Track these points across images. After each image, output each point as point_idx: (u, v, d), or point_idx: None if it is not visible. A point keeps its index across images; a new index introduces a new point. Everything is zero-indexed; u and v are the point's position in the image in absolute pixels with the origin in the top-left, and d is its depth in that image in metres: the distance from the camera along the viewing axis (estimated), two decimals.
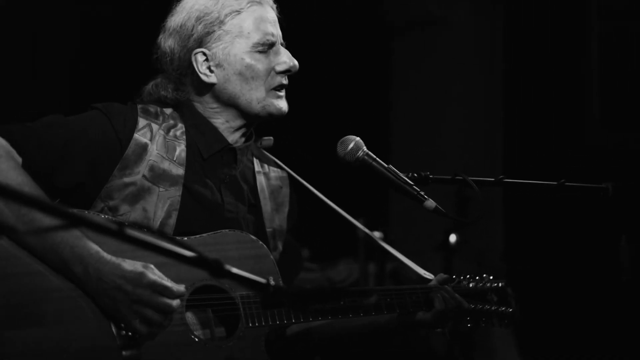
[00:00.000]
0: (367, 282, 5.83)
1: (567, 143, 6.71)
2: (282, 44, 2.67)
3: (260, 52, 2.62)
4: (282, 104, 2.66)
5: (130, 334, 2.35)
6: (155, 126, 2.59)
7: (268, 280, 1.74)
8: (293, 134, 2.78)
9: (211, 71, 2.62)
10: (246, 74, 2.61)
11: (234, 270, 1.66)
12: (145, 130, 2.57)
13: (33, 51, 5.16)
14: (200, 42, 2.61)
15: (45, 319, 2.30)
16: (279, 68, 2.64)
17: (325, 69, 6.26)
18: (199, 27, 2.61)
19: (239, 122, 2.67)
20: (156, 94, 2.68)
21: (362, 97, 7.18)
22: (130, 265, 2.34)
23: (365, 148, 2.65)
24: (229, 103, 2.64)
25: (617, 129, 6.67)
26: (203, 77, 2.62)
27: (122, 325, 2.35)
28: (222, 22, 2.60)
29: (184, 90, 2.66)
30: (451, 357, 5.86)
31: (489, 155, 7.16)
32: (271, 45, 2.63)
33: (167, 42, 2.65)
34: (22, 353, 2.26)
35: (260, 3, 2.64)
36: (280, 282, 2.59)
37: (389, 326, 2.73)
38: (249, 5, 2.62)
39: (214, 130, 2.65)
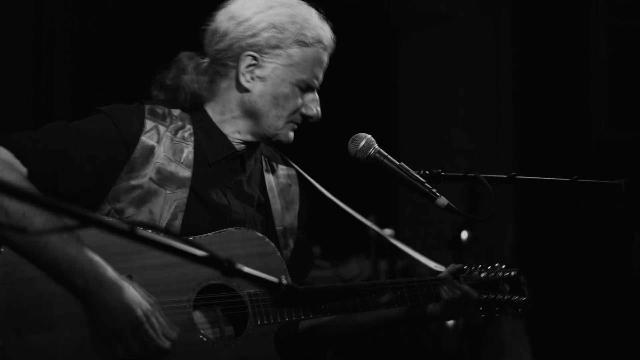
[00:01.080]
0: (378, 279, 5.82)
1: (575, 140, 6.68)
2: (317, 90, 2.68)
3: (300, 88, 2.61)
4: (291, 136, 2.66)
5: None
6: (162, 128, 2.56)
7: (280, 279, 1.72)
8: (302, 132, 2.76)
9: (252, 78, 2.60)
10: (280, 101, 2.60)
11: (246, 269, 1.65)
12: (152, 132, 2.53)
13: (36, 53, 5.15)
14: (260, 48, 2.58)
15: (51, 323, 2.27)
16: (306, 111, 2.64)
17: (332, 68, 6.25)
18: (267, 35, 2.57)
19: (249, 137, 2.65)
20: (172, 92, 2.64)
21: (370, 95, 7.17)
22: (129, 295, 2.27)
23: (376, 145, 2.64)
24: (251, 115, 2.62)
25: (625, 127, 6.65)
26: (241, 78, 2.59)
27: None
28: (289, 45, 2.58)
29: (213, 81, 2.63)
30: (460, 354, 5.85)
31: (496, 152, 7.15)
32: (311, 88, 2.64)
33: (225, 24, 2.60)
34: (29, 359, 2.24)
35: (325, 49, 2.65)
36: (289, 279, 2.57)
37: (400, 319, 2.72)
38: (317, 44, 2.62)
39: (223, 137, 2.63)
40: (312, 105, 2.65)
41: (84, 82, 5.36)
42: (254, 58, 2.58)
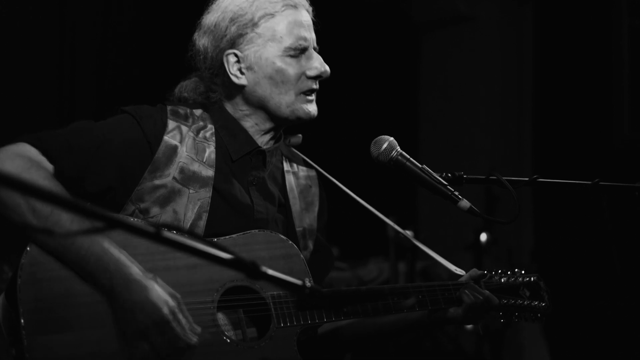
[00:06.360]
0: (397, 281, 5.81)
1: (597, 141, 6.65)
2: (315, 49, 2.66)
3: (291, 56, 2.61)
4: (311, 108, 2.65)
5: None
6: (184, 128, 2.59)
7: (304, 281, 1.72)
8: (322, 133, 2.77)
9: (242, 73, 2.62)
10: (276, 78, 2.61)
11: (271, 272, 1.66)
12: (174, 132, 2.57)
13: (60, 55, 5.18)
14: (233, 44, 2.61)
15: (77, 323, 2.28)
16: (310, 73, 2.63)
17: (353, 69, 6.25)
18: (232, 28, 2.60)
19: (268, 125, 2.67)
20: (185, 95, 2.69)
21: (391, 95, 7.17)
22: (155, 293, 2.27)
23: (399, 148, 2.64)
24: (259, 106, 2.64)
25: None
26: (233, 79, 2.62)
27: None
28: (255, 25, 2.60)
29: (216, 91, 2.67)
30: (480, 356, 5.84)
31: (517, 153, 7.13)
32: (303, 50, 2.62)
33: (201, 41, 2.65)
34: (55, 358, 2.25)
35: (295, 7, 2.63)
36: (312, 281, 2.58)
37: (421, 323, 2.72)
38: (283, 8, 2.61)
39: (244, 132, 2.65)
40: (314, 65, 2.63)
41: (106, 81, 5.38)
42: (235, 55, 2.61)
